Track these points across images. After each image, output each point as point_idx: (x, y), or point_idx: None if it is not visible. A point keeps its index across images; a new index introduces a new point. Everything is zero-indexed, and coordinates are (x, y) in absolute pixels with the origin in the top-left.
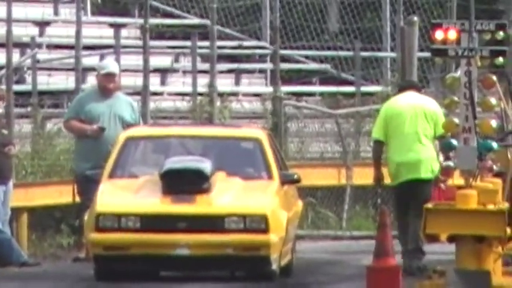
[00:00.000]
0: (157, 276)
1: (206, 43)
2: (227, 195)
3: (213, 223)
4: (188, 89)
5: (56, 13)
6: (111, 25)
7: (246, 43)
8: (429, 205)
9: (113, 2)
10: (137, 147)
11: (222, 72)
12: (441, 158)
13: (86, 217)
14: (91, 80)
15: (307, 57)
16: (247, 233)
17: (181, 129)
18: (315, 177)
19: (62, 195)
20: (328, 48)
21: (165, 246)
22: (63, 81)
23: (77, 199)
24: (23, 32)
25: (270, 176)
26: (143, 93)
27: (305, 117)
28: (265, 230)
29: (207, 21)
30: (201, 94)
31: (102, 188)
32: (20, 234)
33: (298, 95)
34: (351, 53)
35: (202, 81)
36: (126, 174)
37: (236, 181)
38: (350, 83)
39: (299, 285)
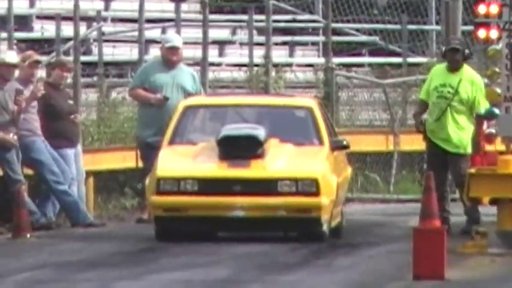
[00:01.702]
0: (214, 236)
1: (262, 17)
2: (280, 160)
3: (266, 186)
4: (245, 60)
5: None
6: None
7: (299, 17)
8: (472, 170)
9: None
10: (195, 116)
11: (277, 44)
12: (485, 125)
13: (147, 181)
14: (153, 52)
15: (357, 30)
16: (299, 196)
17: (237, 98)
18: (364, 143)
19: (126, 160)
20: (377, 22)
21: (221, 208)
22: (127, 52)
23: (140, 164)
24: (90, 6)
25: (320, 142)
26: (202, 64)
27: (355, 86)
28: (316, 193)
29: None
30: (257, 65)
31: (162, 154)
32: (87, 196)
33: (348, 66)
34: (398, 26)
35: (258, 52)
36: (185, 141)
37: (288, 147)
38: (397, 55)
39: (348, 246)
